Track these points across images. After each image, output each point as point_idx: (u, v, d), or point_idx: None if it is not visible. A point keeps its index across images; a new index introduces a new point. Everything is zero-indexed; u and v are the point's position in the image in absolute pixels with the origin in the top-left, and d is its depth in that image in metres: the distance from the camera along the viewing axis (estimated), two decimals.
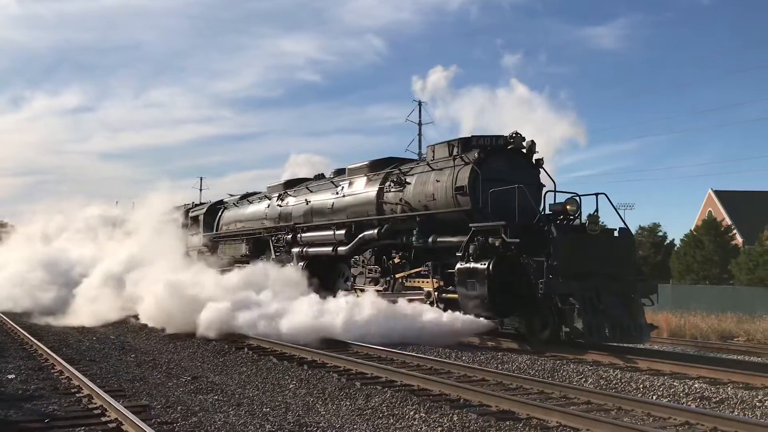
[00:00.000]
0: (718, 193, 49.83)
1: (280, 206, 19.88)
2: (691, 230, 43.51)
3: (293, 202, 19.34)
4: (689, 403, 7.88)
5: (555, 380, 9.09)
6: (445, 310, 13.23)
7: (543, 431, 6.42)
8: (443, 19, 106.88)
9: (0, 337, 14.54)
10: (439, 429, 6.54)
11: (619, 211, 13.53)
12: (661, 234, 46.09)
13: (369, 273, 16.01)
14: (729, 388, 8.51)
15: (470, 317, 12.51)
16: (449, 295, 13.40)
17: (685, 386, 8.57)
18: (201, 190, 59.50)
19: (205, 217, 24.89)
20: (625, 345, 11.80)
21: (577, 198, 12.85)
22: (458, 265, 12.61)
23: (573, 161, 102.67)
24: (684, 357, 11.54)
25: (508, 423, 6.70)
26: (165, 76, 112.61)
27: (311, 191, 18.72)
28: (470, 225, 12.70)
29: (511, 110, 16.75)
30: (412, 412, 7.24)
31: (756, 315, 20.20)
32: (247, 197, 23.03)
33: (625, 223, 13.06)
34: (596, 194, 12.76)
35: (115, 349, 12.65)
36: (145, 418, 6.69)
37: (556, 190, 13.51)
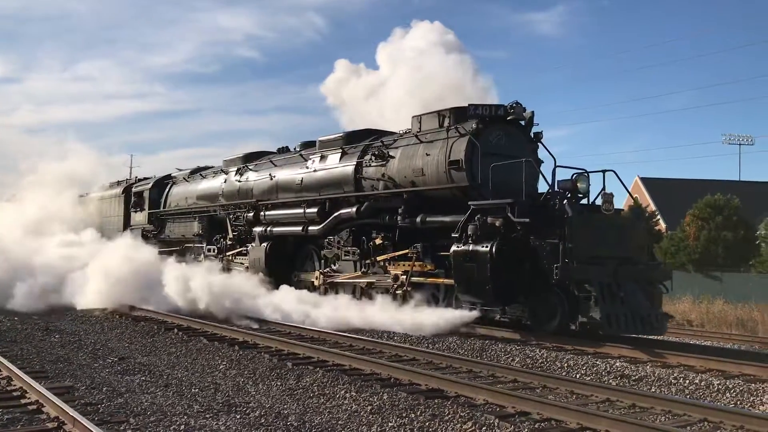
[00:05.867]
0: (644, 180, 51.53)
1: (240, 181, 18.30)
2: None
3: (254, 177, 17.77)
4: (610, 381, 8.18)
5: (483, 359, 9.29)
6: (409, 296, 12.58)
7: (470, 408, 6.56)
8: None
9: None
10: (369, 408, 6.60)
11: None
12: None
13: (345, 255, 14.66)
14: (648, 367, 8.87)
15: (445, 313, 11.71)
16: (428, 279, 12.53)
17: (607, 365, 8.90)
18: (131, 167, 57.79)
19: (150, 193, 22.85)
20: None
21: (587, 174, 11.69)
22: (454, 248, 11.35)
23: None
24: (606, 338, 11.33)
25: (436, 401, 6.82)
26: (95, 49, 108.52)
27: (276, 165, 17.23)
28: (470, 203, 11.48)
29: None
30: (342, 392, 7.28)
31: (674, 296, 21.04)
32: (199, 171, 21.54)
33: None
34: (603, 171, 11.69)
35: (39, 329, 12.22)
36: (67, 399, 6.50)
37: (557, 165, 12.18)
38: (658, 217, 44.68)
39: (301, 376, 8.09)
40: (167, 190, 22.44)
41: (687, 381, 8.05)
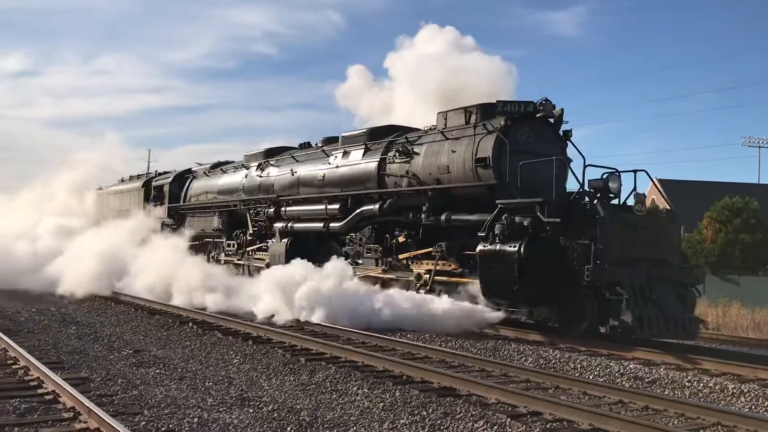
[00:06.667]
0: (661, 181, 51.20)
1: (261, 177, 18.17)
2: None
3: (276, 173, 17.64)
4: (623, 382, 8.14)
5: (496, 359, 9.28)
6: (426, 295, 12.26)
7: (482, 407, 6.56)
8: None
9: None
10: (381, 404, 6.62)
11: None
12: None
13: (367, 253, 14.54)
14: (661, 369, 8.81)
15: (472, 306, 11.50)
16: (452, 279, 12.25)
17: (621, 367, 8.85)
18: (149, 162, 58.16)
19: (171, 187, 22.84)
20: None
21: (618, 174, 11.38)
22: (480, 247, 11.03)
23: None
24: (620, 339, 11.12)
25: (448, 399, 6.83)
26: (114, 43, 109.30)
27: (298, 161, 17.07)
28: (497, 202, 11.21)
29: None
30: (355, 388, 7.31)
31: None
32: (219, 166, 21.43)
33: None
34: (635, 171, 11.44)
35: (56, 321, 12.38)
36: (83, 390, 6.59)
37: (587, 164, 11.84)
38: None
39: (314, 372, 8.13)
40: (187, 184, 22.43)
41: (701, 384, 7.99)
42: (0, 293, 16.84)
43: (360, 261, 14.70)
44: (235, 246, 19.01)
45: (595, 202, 10.97)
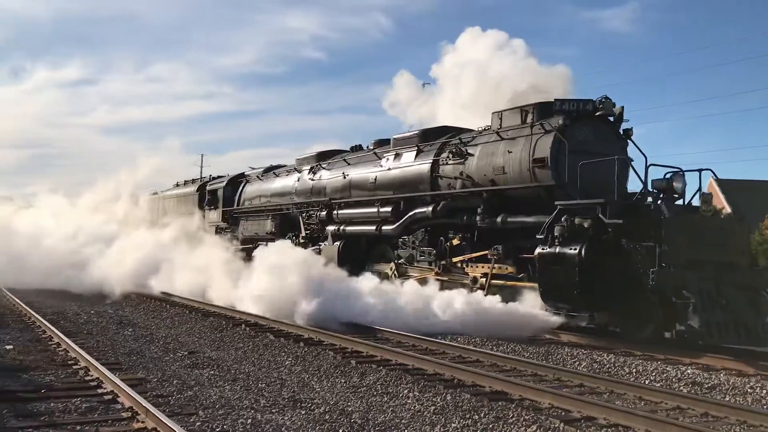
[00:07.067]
0: (719, 181, 49.80)
1: (313, 180, 18.33)
2: None
3: (328, 176, 17.77)
4: (681, 388, 7.93)
5: (549, 363, 9.15)
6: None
7: (535, 412, 6.47)
8: None
9: None
10: (432, 408, 6.59)
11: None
12: None
13: (421, 255, 14.40)
14: (721, 375, 8.55)
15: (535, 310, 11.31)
16: (509, 282, 12.03)
17: (678, 372, 8.63)
18: (202, 167, 59.33)
19: (224, 191, 23.27)
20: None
21: (682, 173, 10.99)
22: (539, 250, 10.78)
23: None
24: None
25: (500, 403, 6.76)
26: (166, 51, 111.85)
27: (349, 164, 17.15)
28: (556, 203, 11.00)
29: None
30: (406, 391, 7.30)
31: None
32: (272, 170, 21.78)
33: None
34: (699, 170, 11.11)
35: (113, 323, 12.72)
36: (140, 391, 6.74)
37: (649, 164, 11.44)
38: None
39: (365, 374, 8.15)
40: (241, 188, 22.74)
41: (764, 391, 7.72)
42: (59, 294, 17.43)
43: (416, 263, 14.62)
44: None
45: (659, 202, 10.70)
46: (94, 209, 26.31)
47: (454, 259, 13.42)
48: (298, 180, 19.21)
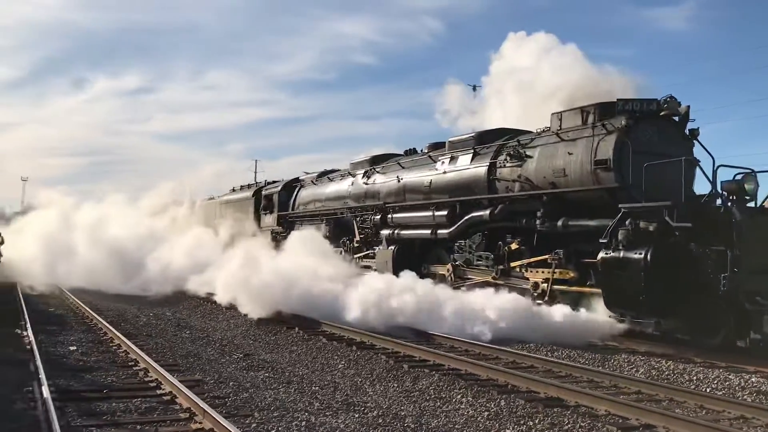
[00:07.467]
0: None
1: (367, 184, 18.26)
2: None
3: (382, 180, 17.66)
4: (745, 397, 7.67)
5: (605, 369, 8.97)
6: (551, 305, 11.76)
7: (591, 419, 6.36)
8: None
9: (62, 311, 15.11)
10: (486, 413, 6.54)
11: None
12: None
13: (478, 260, 14.12)
14: None
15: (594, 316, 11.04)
16: (572, 288, 11.74)
17: (741, 380, 8.34)
18: (256, 172, 60.28)
19: (279, 196, 23.51)
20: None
21: (754, 174, 10.52)
22: (602, 254, 10.44)
23: None
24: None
25: (556, 410, 6.66)
26: (222, 59, 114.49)
27: (403, 167, 16.97)
28: (620, 206, 10.63)
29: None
30: (459, 396, 7.27)
31: None
32: (326, 174, 21.81)
33: None
34: None
35: (171, 325, 13.02)
36: (198, 392, 6.89)
37: (718, 165, 10.94)
38: None
39: (418, 379, 8.14)
40: (295, 192, 22.92)
41: None
42: (119, 297, 17.87)
43: (470, 268, 14.40)
44: (342, 253, 19.23)
45: (730, 204, 10.29)
46: (154, 213, 26.93)
47: (513, 264, 13.14)
48: (352, 184, 19.22)
